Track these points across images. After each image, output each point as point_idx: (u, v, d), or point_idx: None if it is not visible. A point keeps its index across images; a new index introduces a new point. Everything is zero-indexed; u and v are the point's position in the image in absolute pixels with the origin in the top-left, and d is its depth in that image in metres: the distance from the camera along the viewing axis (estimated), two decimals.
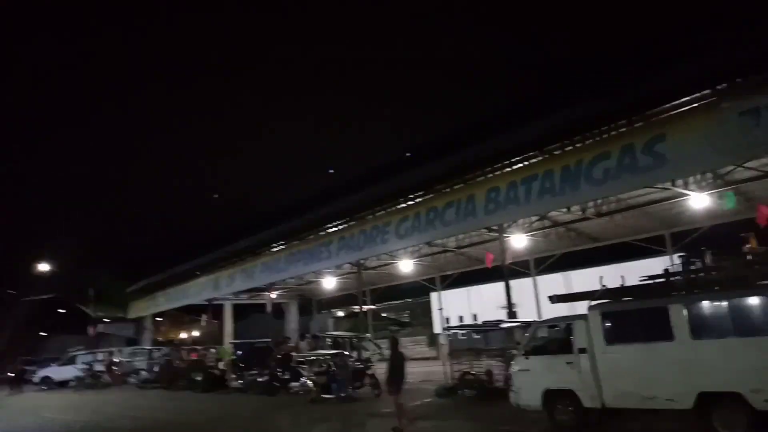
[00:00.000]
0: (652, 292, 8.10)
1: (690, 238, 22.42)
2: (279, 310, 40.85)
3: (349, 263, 24.97)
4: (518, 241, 20.69)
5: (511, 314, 16.94)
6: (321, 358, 15.11)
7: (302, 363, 16.35)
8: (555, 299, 9.53)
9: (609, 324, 8.16)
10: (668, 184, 15.72)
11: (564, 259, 27.06)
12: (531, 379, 8.91)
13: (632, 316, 8.06)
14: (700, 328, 7.31)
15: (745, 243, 13.76)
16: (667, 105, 11.00)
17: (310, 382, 14.28)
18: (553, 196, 12.42)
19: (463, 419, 10.32)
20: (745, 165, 14.15)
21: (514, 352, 12.83)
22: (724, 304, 7.23)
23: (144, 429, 12.40)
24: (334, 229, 19.54)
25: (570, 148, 12.57)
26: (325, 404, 13.71)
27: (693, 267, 10.07)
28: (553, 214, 20.53)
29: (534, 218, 20.64)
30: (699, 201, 17.03)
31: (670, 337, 7.44)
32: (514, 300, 32.36)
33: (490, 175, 14.44)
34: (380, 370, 15.17)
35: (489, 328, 14.97)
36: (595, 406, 8.15)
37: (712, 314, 7.36)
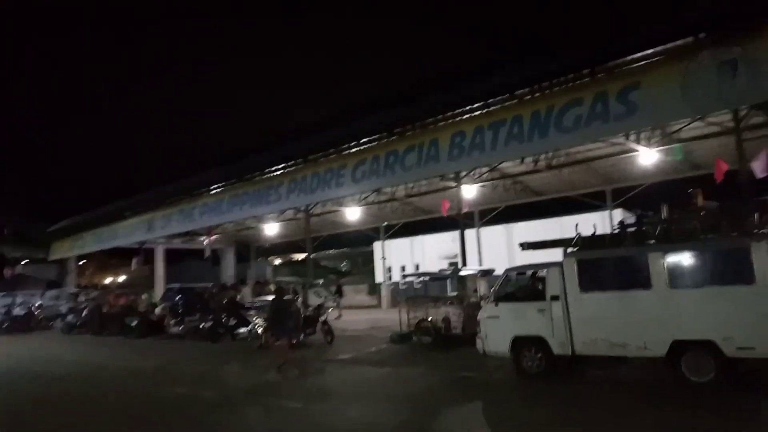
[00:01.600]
0: (628, 241, 7.98)
1: (631, 193, 23.29)
2: (215, 256, 39.54)
3: (294, 209, 24.22)
4: (468, 191, 20.49)
5: (464, 263, 16.97)
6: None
7: (248, 309, 15.64)
8: (526, 246, 9.31)
9: (585, 272, 8.01)
10: (621, 138, 15.97)
11: (506, 212, 27.52)
12: (500, 326, 8.73)
13: (609, 265, 7.94)
14: (678, 277, 7.27)
15: (694, 199, 14.21)
16: (646, 52, 10.74)
17: (259, 329, 13.64)
18: (520, 143, 12.05)
19: (423, 366, 10.11)
20: (708, 119, 14.48)
21: (473, 299, 12.83)
22: (703, 253, 7.19)
23: (87, 376, 11.37)
24: (285, 170, 18.48)
25: (543, 93, 12.17)
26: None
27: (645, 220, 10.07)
28: (503, 165, 20.60)
29: (485, 169, 20.62)
30: (648, 157, 17.37)
31: (647, 285, 7.37)
32: (456, 251, 32.96)
33: (457, 119, 13.89)
34: (348, 317, 14.83)
35: (447, 275, 14.77)
36: (564, 353, 8.09)
37: (690, 264, 7.32)
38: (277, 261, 50.64)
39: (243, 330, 14.24)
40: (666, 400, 6.75)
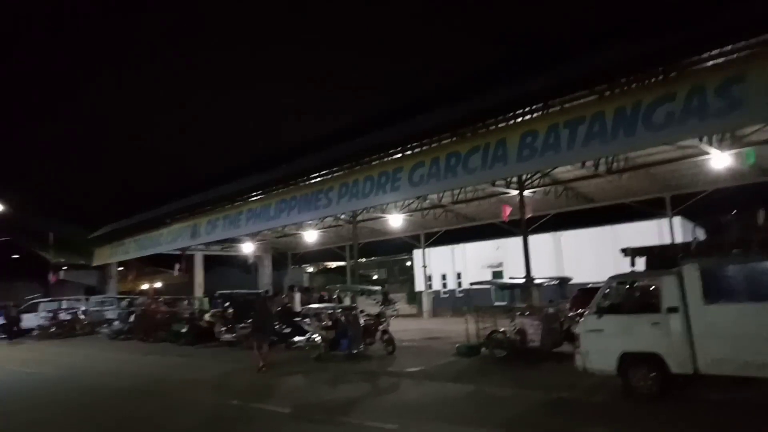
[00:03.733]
0: (756, 248, 7.04)
1: (693, 200, 22.04)
2: (247, 263, 39.33)
3: (342, 215, 23.64)
4: (518, 198, 19.57)
5: (528, 271, 16.02)
6: (329, 311, 13.80)
7: (303, 317, 15.02)
8: (629, 252, 8.42)
9: (710, 281, 7.10)
10: (689, 141, 14.92)
11: (553, 220, 26.46)
12: (604, 341, 7.83)
13: (742, 273, 7.01)
14: None
15: None
16: (751, 41, 9.77)
17: (317, 337, 12.98)
18: (603, 142, 11.13)
19: (509, 384, 9.25)
20: None
21: (551, 310, 11.93)
22: None
23: (146, 389, 10.81)
24: (336, 174, 17.85)
25: (629, 87, 11.25)
26: (334, 361, 12.52)
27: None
28: (556, 170, 19.66)
29: (537, 174, 19.71)
30: (719, 160, 16.29)
31: None
32: (500, 259, 31.88)
33: (527, 117, 13.06)
34: (394, 326, 14.09)
35: (519, 284, 13.89)
36: (684, 372, 7.16)
37: None
38: (310, 269, 50.25)
39: (299, 338, 13.60)
40: None
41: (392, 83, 14.71)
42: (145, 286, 48.02)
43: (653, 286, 7.75)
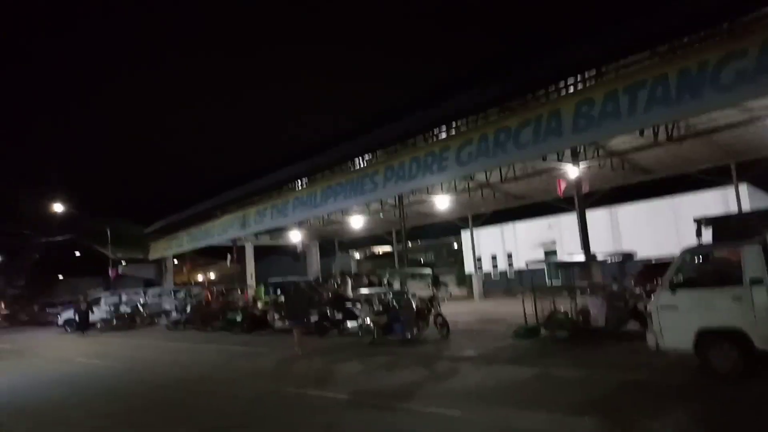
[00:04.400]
0: None
1: (762, 167, 20.59)
2: (296, 251, 39.78)
3: (390, 197, 23.37)
4: (573, 171, 18.72)
5: (586, 249, 15.38)
6: (381, 296, 13.63)
7: (354, 302, 14.93)
8: (706, 222, 7.78)
9: None
10: (764, 101, 13.80)
11: (608, 194, 25.33)
12: (679, 318, 7.29)
13: None
14: None
15: None
16: None
17: (370, 323, 12.83)
18: (667, 106, 10.39)
19: (575, 366, 8.80)
20: None
21: (615, 288, 11.33)
22: None
23: (206, 379, 10.96)
24: (380, 157, 17.58)
25: (692, 46, 10.43)
26: (388, 346, 12.35)
27: None
28: (612, 142, 18.70)
29: (591, 147, 18.81)
30: None
31: None
32: (553, 238, 30.93)
33: (580, 86, 12.38)
34: (446, 309, 13.79)
35: (579, 262, 13.31)
36: None
37: None
38: (357, 255, 50.48)
39: (352, 324, 13.49)
40: None
41: (434, 60, 14.26)
42: (200, 277, 49.52)
43: (733, 258, 7.11)
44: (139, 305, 24.59)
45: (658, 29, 10.93)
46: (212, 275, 50.14)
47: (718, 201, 22.43)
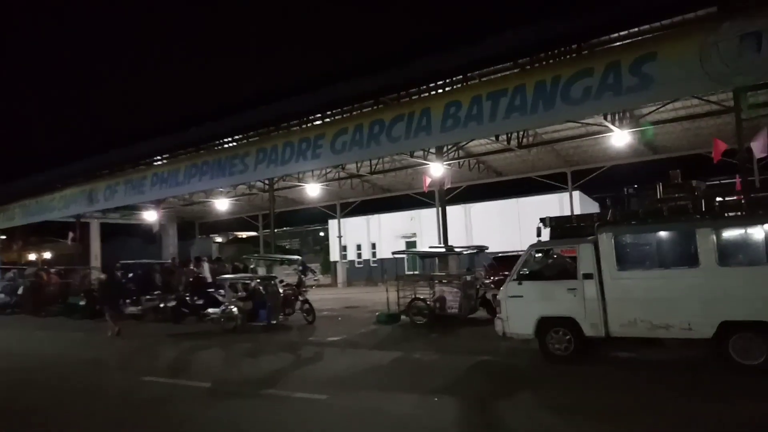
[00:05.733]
0: (671, 216, 7.56)
1: (592, 175, 23.63)
2: (150, 232, 37.06)
3: (259, 182, 22.73)
4: (436, 169, 19.85)
5: (445, 240, 16.37)
6: (246, 282, 13.28)
7: (217, 288, 14.36)
8: (549, 222, 8.74)
9: (623, 248, 7.55)
10: (593, 119, 15.86)
11: (464, 192, 27.38)
12: (524, 307, 8.13)
13: (651, 240, 7.51)
14: (728, 254, 6.91)
15: (674, 179, 14.31)
16: (664, 22, 10.36)
17: (234, 309, 12.46)
18: (522, 114, 11.43)
19: (432, 349, 9.42)
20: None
21: (468, 278, 12.26)
22: (757, 229, 6.85)
23: (41, 371, 9.80)
24: (253, 138, 17.03)
25: (548, 62, 11.59)
26: (252, 333, 12.12)
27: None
28: (470, 144, 20.20)
29: (452, 147, 20.12)
30: (620, 138, 17.47)
31: (694, 263, 6.98)
32: (414, 230, 32.50)
33: (450, 88, 13.11)
34: (310, 297, 13.86)
35: (440, 253, 14.11)
36: (597, 335, 7.61)
37: (742, 240, 6.99)
38: (219, 239, 48.42)
39: (213, 310, 13.00)
40: (713, 385, 6.39)
41: (314, 48, 14.21)
42: (32, 257, 43.94)
43: (570, 255, 8.12)
44: None
45: (519, 43, 12.00)
46: (48, 255, 44.87)
47: (555, 204, 25.21)
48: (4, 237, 36.41)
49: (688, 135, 18.64)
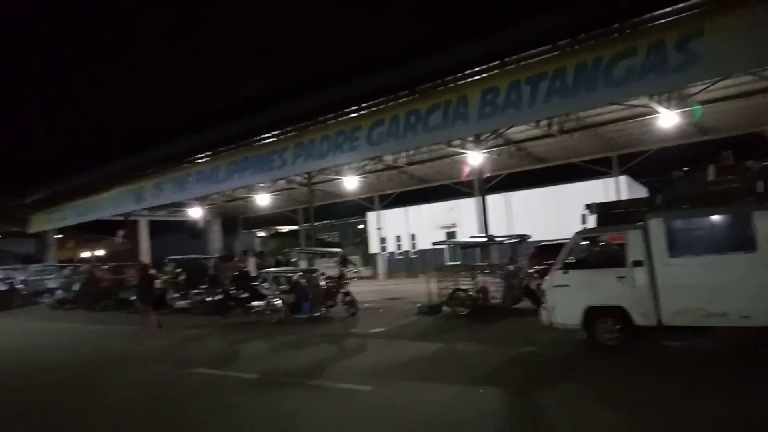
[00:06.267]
0: (725, 200, 7.20)
1: (638, 159, 22.78)
2: (196, 228, 38.07)
3: (298, 176, 22.97)
4: (474, 157, 19.54)
5: (486, 230, 16.15)
6: (288, 275, 13.47)
7: (259, 281, 14.64)
8: (595, 208, 8.47)
9: (674, 233, 7.24)
10: (639, 100, 15.23)
11: (505, 180, 26.84)
12: (570, 296, 7.93)
13: (704, 225, 7.18)
14: None
15: (726, 160, 13.66)
16: None
17: (278, 302, 12.67)
18: (562, 97, 11.12)
19: (475, 340, 9.31)
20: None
21: (511, 267, 12.06)
22: None
23: (98, 362, 10.25)
24: (290, 133, 17.17)
25: (588, 43, 11.20)
26: (295, 325, 12.29)
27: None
28: (510, 131, 19.77)
29: (490, 135, 19.75)
30: (667, 119, 16.74)
31: (751, 247, 6.63)
32: (453, 220, 32.24)
33: (486, 74, 12.85)
34: (357, 289, 13.94)
35: (481, 243, 13.95)
36: (648, 324, 7.36)
37: None
38: (261, 233, 49.36)
39: (258, 303, 13.26)
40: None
41: (348, 38, 14.19)
42: (86, 254, 45.92)
43: (618, 241, 7.85)
44: (16, 283, 22.36)
45: (559, 25, 11.64)
46: (101, 252, 46.83)
47: (600, 189, 24.43)
48: (60, 236, 38.16)
49: (741, 114, 17.71)
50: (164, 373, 8.51)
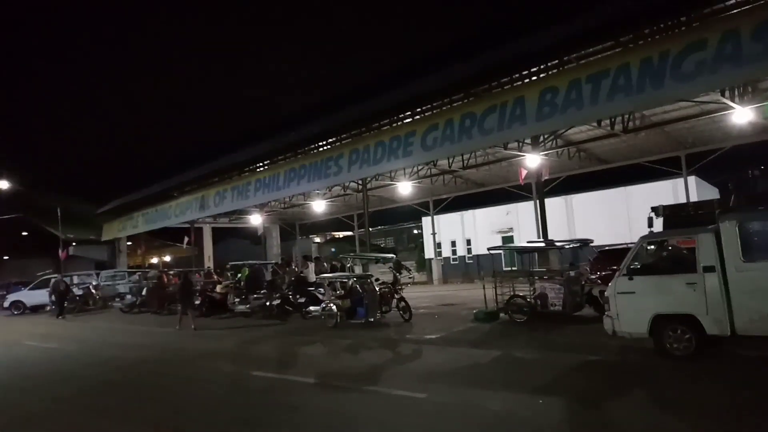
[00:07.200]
0: None
1: (710, 158, 21.47)
2: (256, 234, 39.21)
3: (351, 183, 23.24)
4: (533, 160, 19.05)
5: (545, 235, 15.72)
6: (344, 280, 13.59)
7: (316, 286, 14.85)
8: (662, 210, 8.05)
9: (749, 237, 6.76)
10: (716, 95, 14.35)
11: (565, 183, 26.00)
12: (636, 303, 7.55)
13: None
14: None
15: None
16: None
17: (333, 307, 12.80)
18: (627, 95, 10.62)
19: (534, 348, 9.03)
20: None
21: (572, 273, 11.64)
22: None
23: (165, 363, 10.72)
24: (345, 140, 17.40)
25: (653, 37, 10.70)
26: (352, 329, 12.36)
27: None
28: (569, 131, 19.13)
29: (548, 136, 19.18)
30: (741, 115, 15.73)
31: None
32: (510, 224, 31.53)
33: (544, 74, 12.52)
34: (406, 294, 13.88)
35: (540, 248, 13.59)
36: (722, 333, 6.89)
37: None
38: (317, 239, 50.20)
39: (314, 308, 13.44)
40: None
41: (399, 42, 14.22)
42: (154, 260, 48.19)
43: (687, 246, 7.41)
44: (91, 287, 23.78)
45: (620, 19, 11.19)
46: (167, 257, 49.04)
47: (667, 191, 23.24)
48: (130, 243, 40.26)
49: None
50: (223, 373, 8.78)
